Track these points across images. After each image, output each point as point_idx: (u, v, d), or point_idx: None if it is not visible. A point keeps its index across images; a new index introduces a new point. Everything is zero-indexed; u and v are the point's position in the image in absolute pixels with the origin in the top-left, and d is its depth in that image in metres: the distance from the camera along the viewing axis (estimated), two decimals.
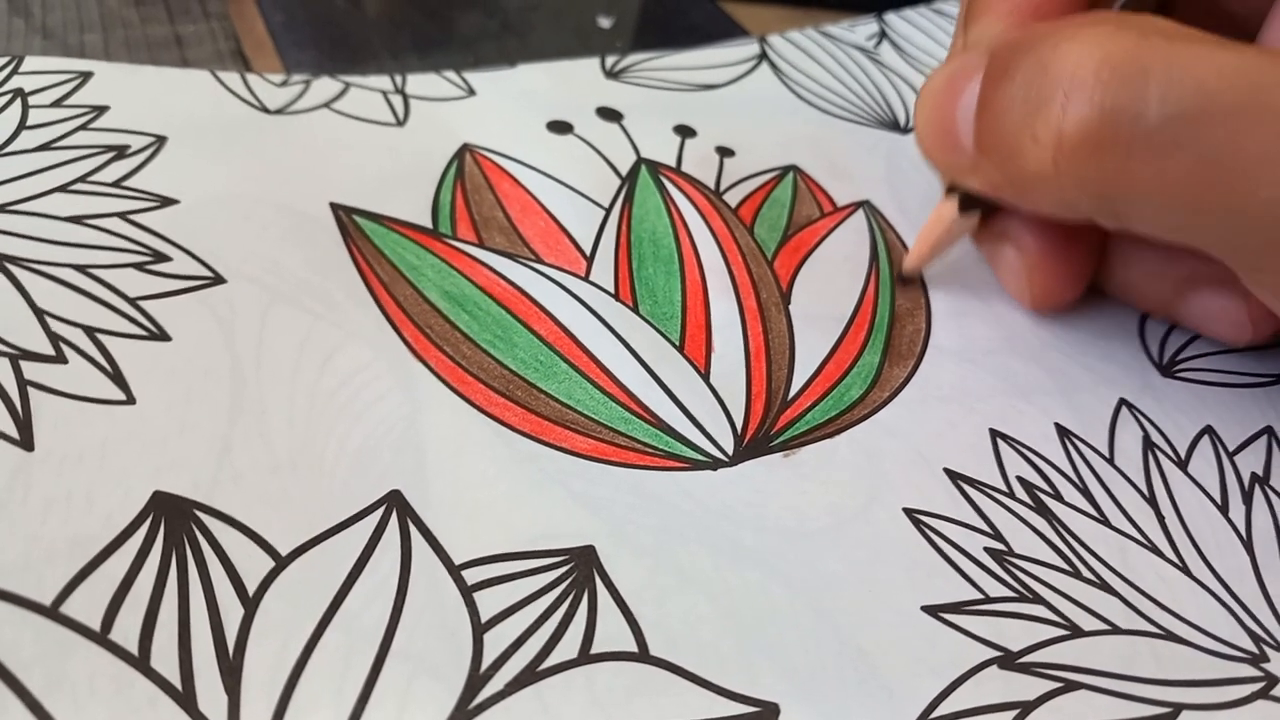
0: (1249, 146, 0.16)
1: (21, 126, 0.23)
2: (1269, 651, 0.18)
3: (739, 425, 0.20)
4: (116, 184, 0.22)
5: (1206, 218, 0.17)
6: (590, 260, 0.23)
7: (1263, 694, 0.17)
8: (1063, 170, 0.18)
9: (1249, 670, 0.18)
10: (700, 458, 0.20)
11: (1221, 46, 0.16)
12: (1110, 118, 0.17)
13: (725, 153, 0.28)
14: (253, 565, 0.16)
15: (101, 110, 0.24)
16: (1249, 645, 0.18)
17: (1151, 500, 0.20)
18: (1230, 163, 0.16)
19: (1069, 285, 0.23)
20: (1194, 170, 0.16)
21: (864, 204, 0.27)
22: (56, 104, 0.24)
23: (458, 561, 0.17)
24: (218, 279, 0.21)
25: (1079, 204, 0.19)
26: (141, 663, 0.14)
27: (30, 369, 0.18)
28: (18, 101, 0.24)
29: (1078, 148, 0.17)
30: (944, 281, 0.25)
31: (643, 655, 0.16)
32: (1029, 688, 0.17)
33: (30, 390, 0.18)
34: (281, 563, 0.16)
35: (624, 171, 0.26)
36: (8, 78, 0.24)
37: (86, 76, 0.25)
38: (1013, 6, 0.21)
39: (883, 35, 0.35)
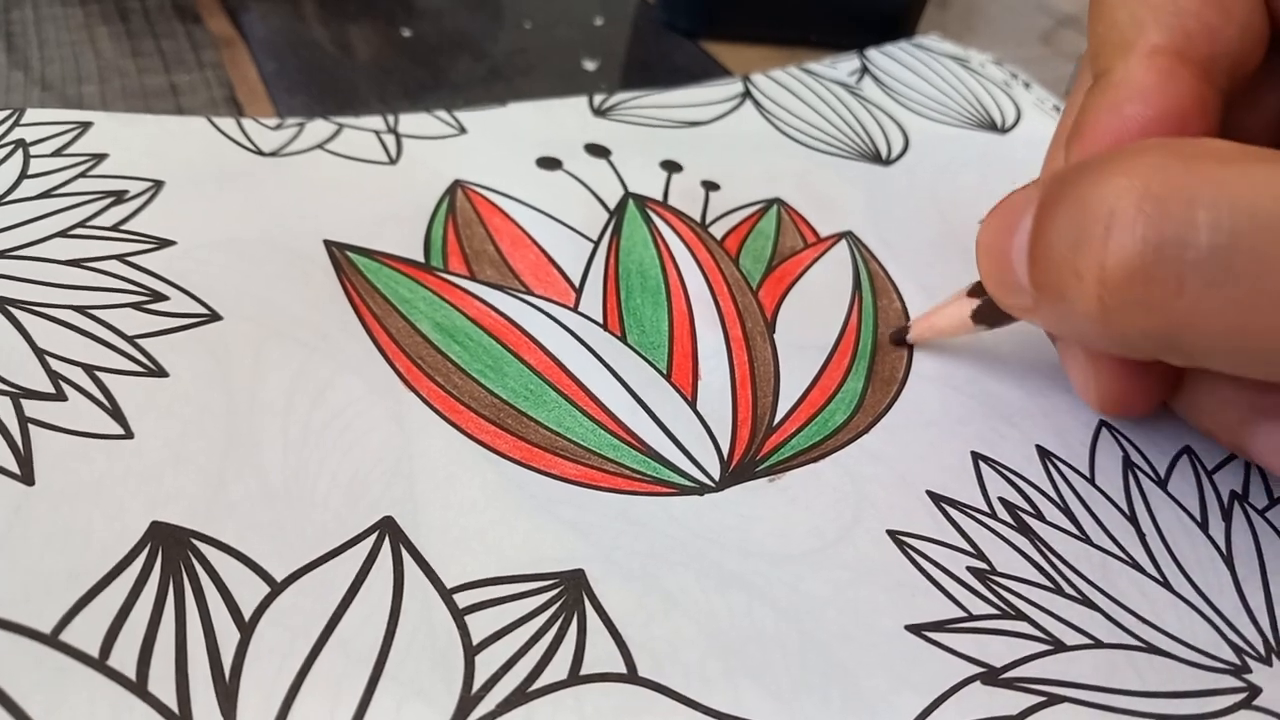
0: None
1: (23, 175, 0.24)
2: (1250, 662, 0.18)
3: (725, 451, 0.21)
4: (115, 228, 0.23)
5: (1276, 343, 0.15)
6: (579, 292, 0.24)
7: (1245, 704, 0.18)
8: (1110, 308, 0.16)
9: (1231, 681, 0.18)
10: (687, 483, 0.20)
11: None
12: (1155, 250, 0.15)
13: (710, 187, 0.28)
14: (248, 591, 0.16)
15: (100, 158, 0.25)
16: (1230, 657, 0.18)
17: (1132, 518, 0.21)
18: None
19: (1138, 396, 0.21)
20: (1259, 301, 0.15)
21: (847, 234, 0.28)
22: (57, 153, 0.24)
23: (449, 585, 0.17)
24: (214, 316, 0.21)
25: (1136, 343, 0.17)
26: (139, 687, 0.15)
27: (31, 407, 0.18)
28: (19, 152, 0.24)
29: (1122, 283, 0.16)
30: (925, 309, 0.25)
31: (631, 676, 0.16)
32: (1013, 703, 0.17)
33: (31, 427, 0.18)
34: (277, 588, 0.16)
35: (612, 206, 0.27)
36: (9, 129, 0.25)
37: (86, 126, 0.26)
38: (1095, 142, 0.19)
39: (865, 71, 0.36)
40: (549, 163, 0.28)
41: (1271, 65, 0.20)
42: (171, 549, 0.17)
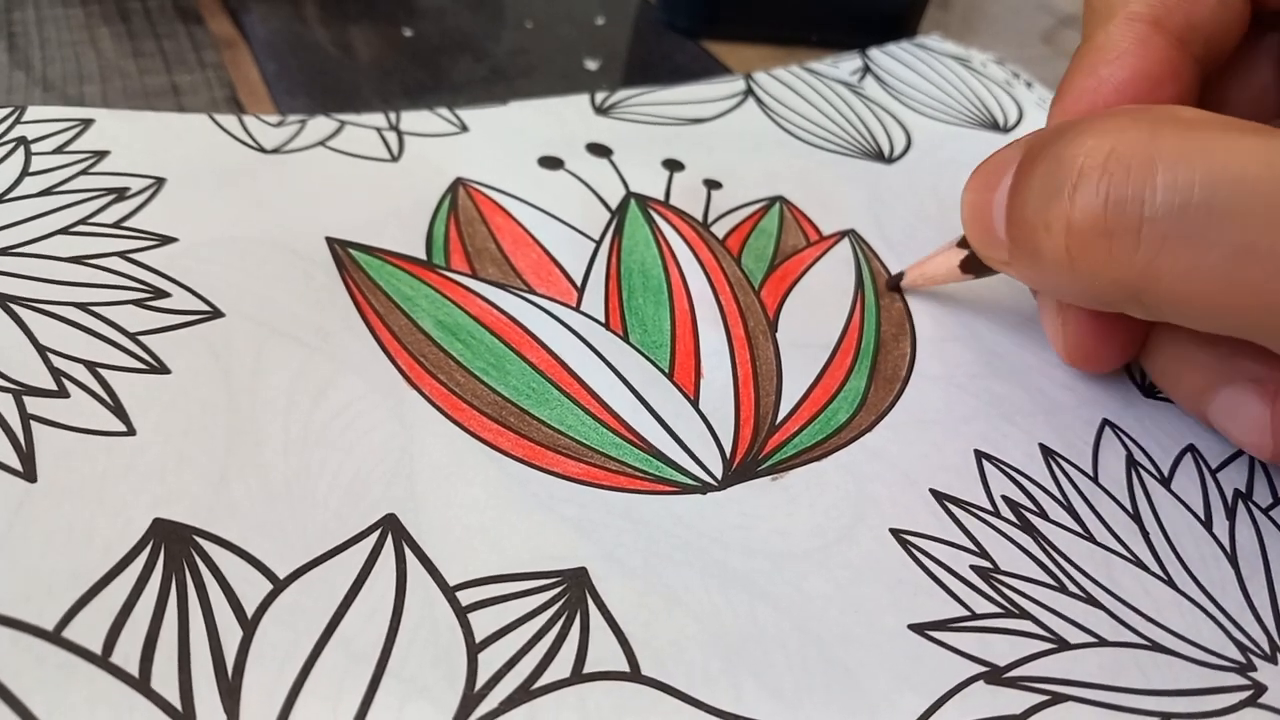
0: (1276, 234, 0.15)
1: (24, 173, 0.24)
2: (1255, 660, 0.18)
3: (728, 450, 0.21)
4: (116, 225, 0.23)
5: (1238, 308, 0.16)
6: (581, 291, 0.24)
7: (1250, 702, 0.18)
8: (1076, 259, 0.18)
9: (1236, 679, 0.18)
10: (690, 482, 0.20)
11: (1247, 132, 0.16)
12: (1115, 206, 0.16)
13: (713, 185, 0.28)
14: (251, 588, 0.16)
15: (102, 155, 0.25)
16: (1235, 655, 0.18)
17: (1136, 516, 0.21)
18: (1262, 251, 0.15)
19: (1107, 349, 0.22)
20: (1217, 259, 0.16)
21: (849, 233, 0.28)
22: (58, 150, 0.24)
23: (452, 583, 0.17)
24: (215, 313, 0.21)
25: (1103, 293, 0.18)
26: (142, 685, 0.15)
27: (33, 404, 0.18)
28: (20, 149, 0.24)
29: (1085, 236, 0.17)
30: (928, 307, 0.25)
31: (634, 674, 0.16)
32: (1016, 701, 0.17)
33: (33, 424, 0.18)
34: (279, 586, 0.16)
35: (614, 205, 0.27)
36: (10, 127, 0.25)
37: (87, 124, 0.25)
38: (1073, 103, 0.21)
39: (866, 70, 0.36)
40: (551, 162, 0.28)
41: (1258, 42, 0.22)
42: (174, 546, 0.17)
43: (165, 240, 0.22)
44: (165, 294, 0.21)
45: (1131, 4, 0.20)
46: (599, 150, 0.29)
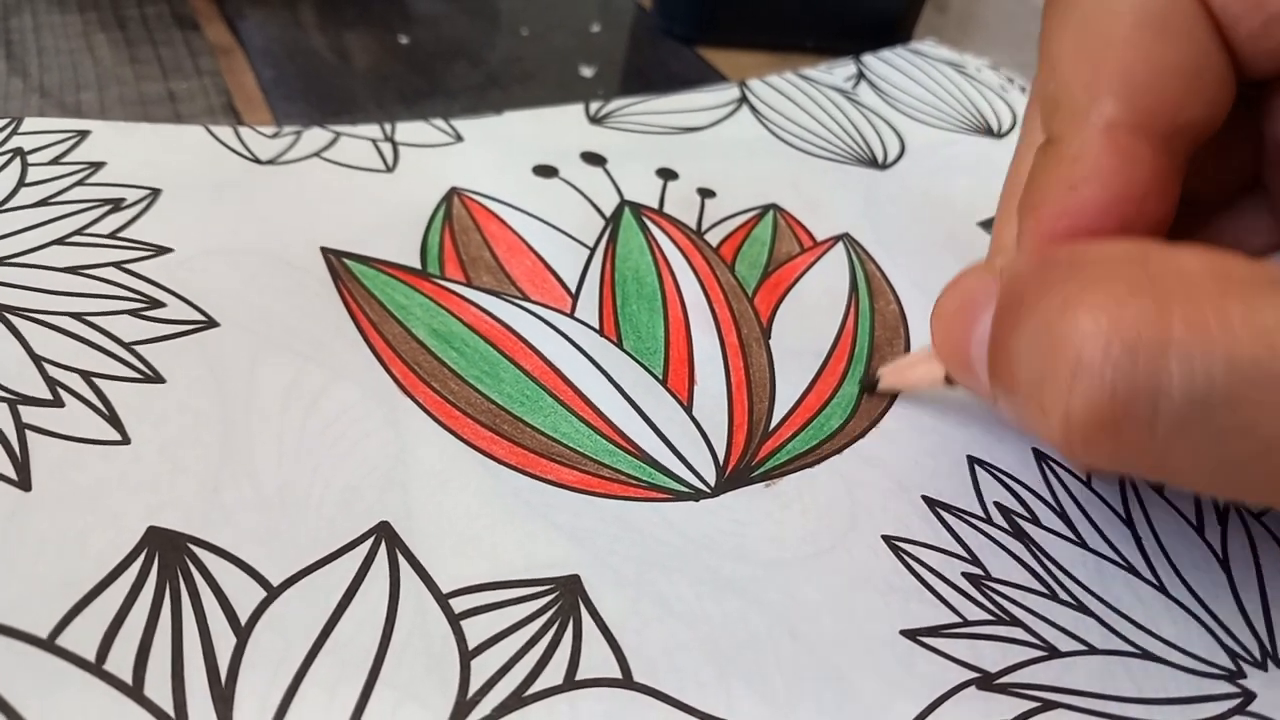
0: None
1: (20, 184, 0.24)
2: (1246, 668, 0.18)
3: (721, 456, 0.21)
4: (112, 235, 0.23)
5: (1260, 484, 0.15)
6: (576, 298, 0.24)
7: (1239, 710, 0.18)
8: (1076, 446, 0.15)
9: (1226, 687, 0.18)
10: (683, 489, 0.20)
11: (1266, 292, 0.14)
12: (1124, 404, 0.14)
13: (706, 194, 0.28)
14: (245, 596, 0.16)
15: (98, 166, 0.25)
16: (1226, 662, 0.18)
17: (1128, 522, 0.21)
18: None
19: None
20: (1239, 446, 0.14)
21: (843, 236, 0.28)
22: (55, 161, 0.25)
23: (445, 591, 0.17)
24: (210, 323, 0.21)
25: (1105, 470, 0.16)
26: (135, 692, 0.15)
27: (28, 413, 0.18)
28: (17, 160, 0.24)
29: (1089, 429, 0.15)
30: (922, 311, 0.25)
31: (626, 681, 0.16)
32: (1007, 708, 0.17)
33: (28, 433, 0.18)
34: (273, 593, 0.16)
35: (608, 213, 0.27)
36: (7, 138, 0.25)
37: (84, 135, 0.26)
38: (1050, 221, 0.18)
39: (860, 76, 0.36)
40: (545, 170, 0.28)
41: (1233, 117, 0.19)
42: (168, 554, 0.17)
43: (161, 251, 0.23)
44: (160, 304, 0.21)
45: (1105, 106, 0.18)
46: (593, 159, 0.29)
